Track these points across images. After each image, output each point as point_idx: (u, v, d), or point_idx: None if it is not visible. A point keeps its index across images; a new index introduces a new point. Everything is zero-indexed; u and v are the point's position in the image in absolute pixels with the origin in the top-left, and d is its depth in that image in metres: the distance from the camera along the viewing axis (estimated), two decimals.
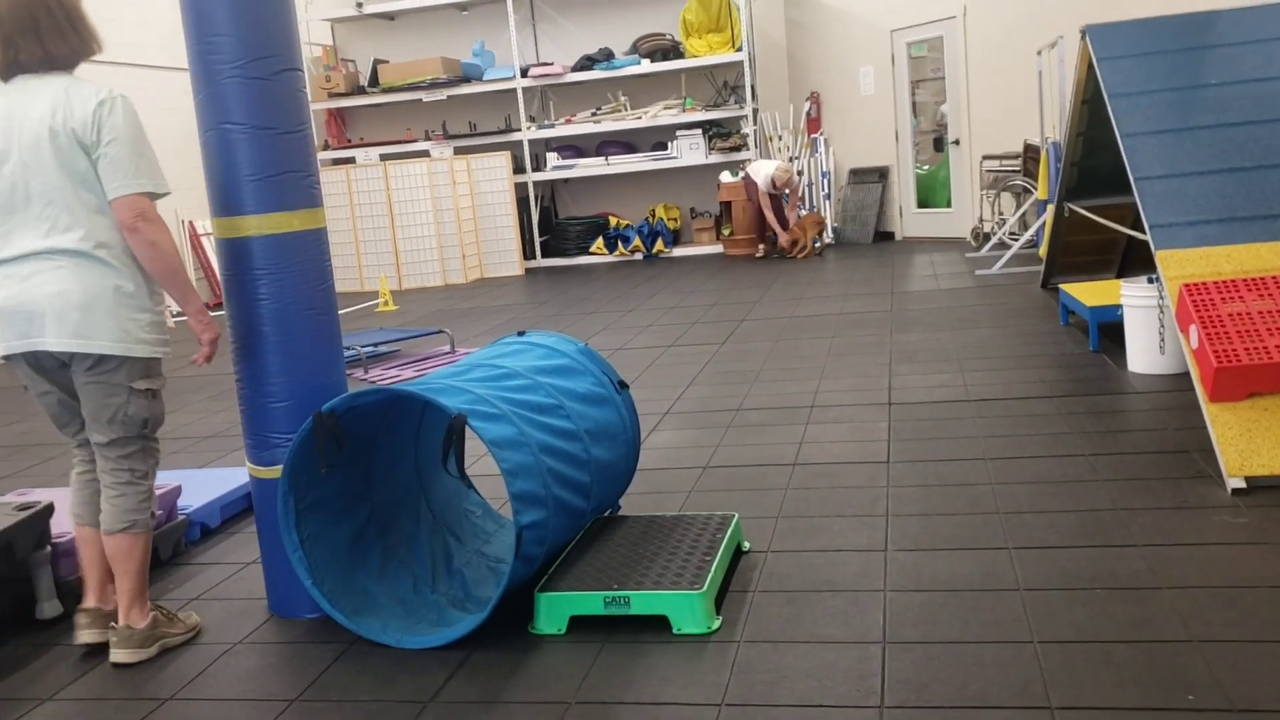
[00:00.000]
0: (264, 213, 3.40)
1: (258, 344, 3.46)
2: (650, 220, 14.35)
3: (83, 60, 3.26)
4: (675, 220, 14.50)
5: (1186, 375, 5.32)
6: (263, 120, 3.36)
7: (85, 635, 3.39)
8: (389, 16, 14.83)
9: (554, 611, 3.27)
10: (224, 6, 3.28)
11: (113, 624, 3.35)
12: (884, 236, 13.61)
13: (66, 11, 3.20)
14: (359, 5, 14.31)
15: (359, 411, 3.46)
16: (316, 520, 3.47)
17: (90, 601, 3.43)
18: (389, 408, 3.66)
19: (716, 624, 3.20)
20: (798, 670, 2.90)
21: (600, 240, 14.21)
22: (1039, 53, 10.21)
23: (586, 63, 13.92)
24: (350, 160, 14.12)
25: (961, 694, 2.71)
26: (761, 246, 12.87)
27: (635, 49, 13.89)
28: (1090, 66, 6.28)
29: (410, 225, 13.13)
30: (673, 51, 13.71)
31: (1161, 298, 5.42)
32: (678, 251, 14.07)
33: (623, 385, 3.89)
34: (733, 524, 3.69)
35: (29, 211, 3.13)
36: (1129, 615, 3.04)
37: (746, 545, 3.80)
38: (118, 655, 3.31)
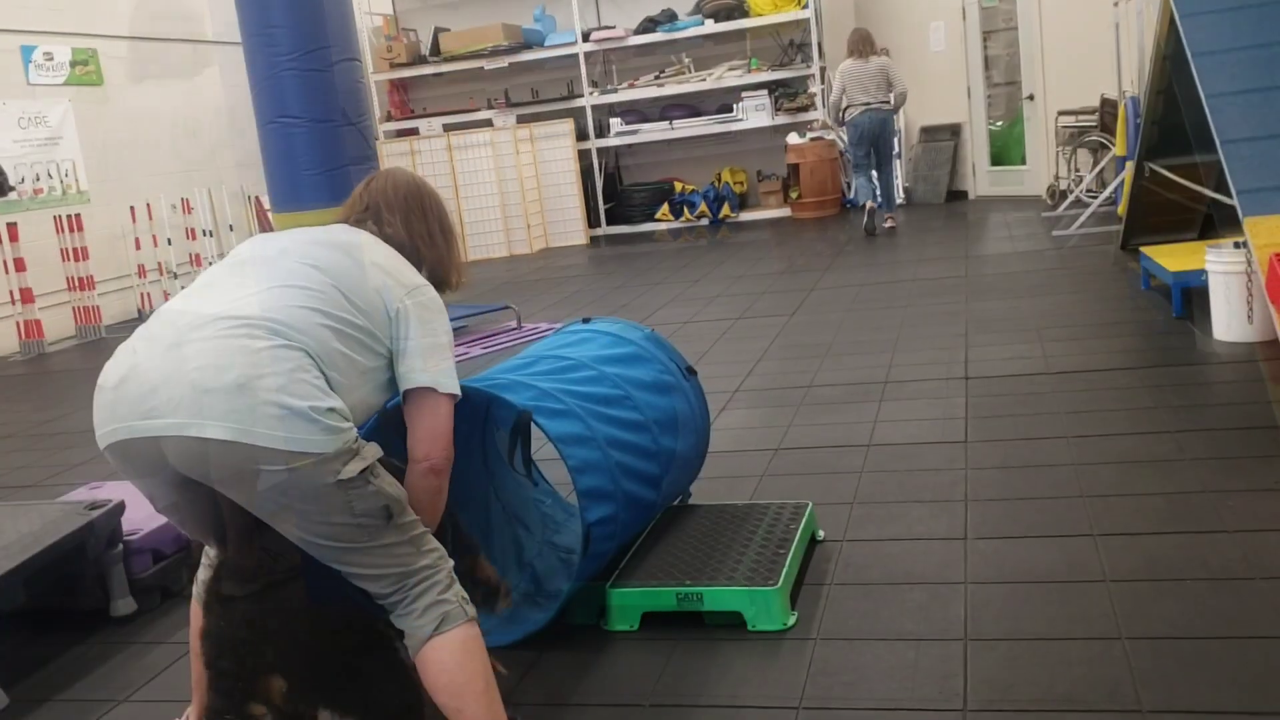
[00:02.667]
0: (324, 206, 3.35)
1: None
2: (716, 185, 14.16)
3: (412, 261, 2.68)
4: (742, 184, 14.30)
5: (1276, 343, 5.12)
6: (321, 113, 3.31)
7: None
8: None
9: (626, 608, 3.21)
10: None
11: None
12: (956, 195, 13.33)
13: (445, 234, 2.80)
14: None
15: None
16: None
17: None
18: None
19: (792, 620, 3.13)
20: (877, 669, 2.82)
21: (665, 206, 14.06)
22: (1115, 3, 9.89)
23: (649, 25, 13.72)
24: (414, 131, 14.10)
25: (1048, 695, 2.61)
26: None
27: (698, 9, 13.65)
28: (1172, 21, 6.03)
29: (474, 196, 13.09)
30: (737, 10, 13.43)
31: (1250, 264, 5.21)
32: (745, 216, 13.88)
33: (691, 371, 3.81)
34: (806, 513, 3.60)
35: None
36: (1222, 609, 2.91)
37: (821, 534, 3.71)
38: None
